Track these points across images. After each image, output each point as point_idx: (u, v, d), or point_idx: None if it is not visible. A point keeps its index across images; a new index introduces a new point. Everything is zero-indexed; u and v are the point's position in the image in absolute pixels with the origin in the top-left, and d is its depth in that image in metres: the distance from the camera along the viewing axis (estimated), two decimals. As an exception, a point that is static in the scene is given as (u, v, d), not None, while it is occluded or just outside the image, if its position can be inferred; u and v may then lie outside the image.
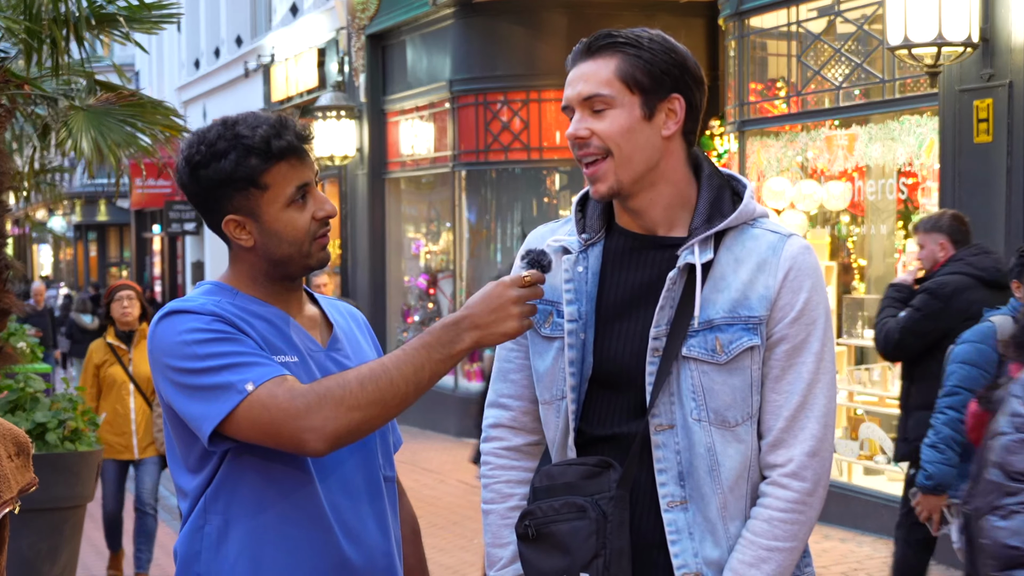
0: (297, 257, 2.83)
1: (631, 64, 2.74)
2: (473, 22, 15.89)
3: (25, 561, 7.17)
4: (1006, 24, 8.58)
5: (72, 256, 49.77)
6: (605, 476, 2.76)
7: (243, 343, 2.71)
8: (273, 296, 2.88)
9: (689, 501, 2.75)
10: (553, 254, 2.83)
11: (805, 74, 10.96)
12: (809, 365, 2.73)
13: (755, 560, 2.71)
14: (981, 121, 8.76)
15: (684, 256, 2.74)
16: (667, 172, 2.79)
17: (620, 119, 2.75)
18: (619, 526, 2.72)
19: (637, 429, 2.77)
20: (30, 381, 7.82)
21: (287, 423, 2.62)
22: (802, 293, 2.73)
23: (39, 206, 39.73)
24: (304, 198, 2.82)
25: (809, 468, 2.72)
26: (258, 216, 2.80)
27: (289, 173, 2.80)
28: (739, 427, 2.74)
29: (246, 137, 2.77)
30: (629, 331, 2.80)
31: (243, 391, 2.63)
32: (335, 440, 2.65)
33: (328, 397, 2.63)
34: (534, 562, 2.79)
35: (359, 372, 2.67)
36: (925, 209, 10.20)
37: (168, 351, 2.73)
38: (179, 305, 2.78)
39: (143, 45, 8.89)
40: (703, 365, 2.73)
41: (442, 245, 17.26)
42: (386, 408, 2.66)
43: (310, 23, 20.15)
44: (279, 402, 2.62)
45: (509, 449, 3.00)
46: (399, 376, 2.65)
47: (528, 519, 2.79)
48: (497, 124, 15.83)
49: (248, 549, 2.77)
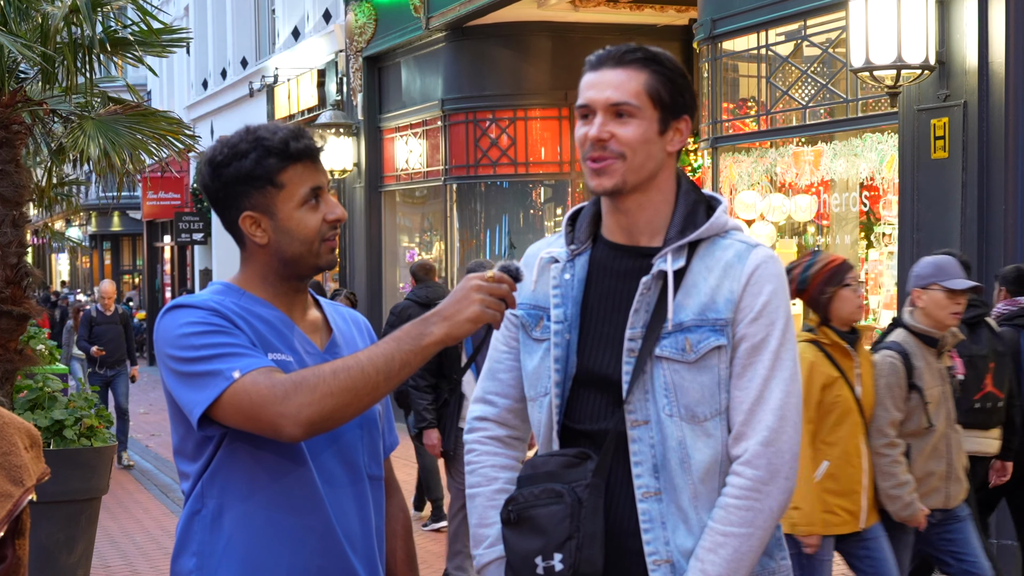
0: (307, 256, 2.83)
1: (659, 81, 2.79)
2: (463, 45, 15.90)
3: (44, 550, 7.16)
4: (961, 48, 8.60)
5: (88, 264, 49.67)
6: (583, 466, 2.78)
7: (236, 336, 2.71)
8: (279, 297, 2.88)
9: (663, 492, 2.75)
10: (544, 265, 2.89)
11: (774, 94, 10.98)
12: (766, 362, 2.74)
13: (712, 545, 2.71)
14: (938, 139, 8.79)
15: (658, 264, 2.77)
16: (660, 183, 2.83)
17: (640, 129, 2.78)
18: (593, 512, 2.74)
19: (615, 425, 2.79)
20: (48, 381, 7.82)
21: (265, 408, 2.62)
22: (762, 296, 2.75)
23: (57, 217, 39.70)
24: (317, 200, 2.83)
25: (763, 457, 2.72)
26: (273, 213, 2.81)
27: (304, 174, 2.82)
28: (708, 422, 2.74)
29: (266, 139, 2.80)
30: (609, 333, 2.82)
31: (230, 378, 2.64)
32: (308, 426, 2.64)
33: (303, 384, 2.62)
34: (514, 544, 2.80)
35: (334, 363, 2.67)
36: (886, 221, 10.23)
37: (168, 342, 2.74)
38: (182, 300, 2.80)
39: (154, 68, 8.88)
40: (674, 364, 2.74)
41: (434, 254, 17.26)
42: (358, 396, 2.65)
43: (311, 46, 20.15)
44: (260, 388, 2.62)
45: (493, 438, 3.02)
46: (370, 366, 2.65)
47: (511, 505, 2.81)
48: (486, 140, 15.84)
49: (239, 532, 2.77)
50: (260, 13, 25.34)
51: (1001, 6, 8.29)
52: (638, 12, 14.76)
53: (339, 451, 2.85)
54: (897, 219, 9.47)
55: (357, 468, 2.88)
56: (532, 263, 2.96)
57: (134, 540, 10.28)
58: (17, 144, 7.52)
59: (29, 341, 8.62)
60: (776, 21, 10.68)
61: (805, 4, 10.22)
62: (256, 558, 2.77)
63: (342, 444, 2.86)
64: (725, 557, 2.70)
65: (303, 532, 2.78)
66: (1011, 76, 8.22)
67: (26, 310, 7.57)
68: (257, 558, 2.77)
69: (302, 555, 2.78)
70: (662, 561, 2.74)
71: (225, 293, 2.86)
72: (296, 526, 2.77)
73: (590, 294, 2.86)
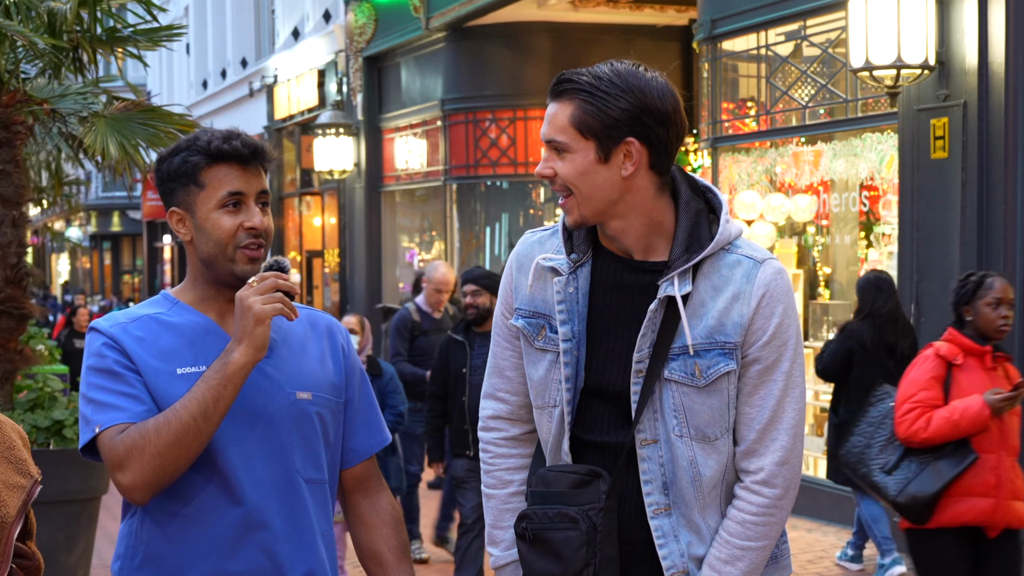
0: (221, 259, 2.84)
1: (585, 111, 2.70)
2: (463, 45, 15.90)
3: (44, 550, 7.13)
4: (960, 48, 8.60)
5: (88, 265, 49.67)
6: (594, 486, 2.79)
7: (117, 379, 2.78)
8: (209, 301, 2.90)
9: (673, 507, 2.78)
10: (542, 271, 2.87)
11: (774, 94, 10.98)
12: (780, 383, 2.75)
13: (730, 558, 2.76)
14: (937, 139, 8.79)
15: (664, 288, 2.73)
16: (635, 205, 2.76)
17: (575, 163, 2.73)
18: (608, 535, 2.77)
19: (624, 439, 2.80)
20: (48, 381, 7.81)
21: (112, 471, 2.73)
22: (774, 318, 2.73)
23: (57, 217, 39.71)
24: (237, 205, 2.84)
25: (779, 476, 2.76)
26: (194, 212, 2.86)
27: (226, 177, 2.83)
28: (718, 440, 2.77)
29: (199, 139, 2.86)
30: (616, 350, 2.81)
31: (93, 430, 2.76)
32: (147, 488, 2.72)
33: (134, 450, 2.70)
34: (531, 563, 2.83)
35: (156, 420, 2.71)
36: (886, 221, 10.23)
37: (83, 369, 2.86)
38: (96, 323, 2.88)
39: (151, 63, 8.86)
40: (683, 387, 2.74)
41: (434, 254, 17.25)
42: (183, 446, 2.69)
43: (311, 46, 20.15)
44: (107, 449, 2.73)
45: (507, 439, 3.04)
46: (185, 413, 2.68)
47: (525, 522, 2.83)
48: (486, 141, 15.84)
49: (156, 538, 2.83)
50: (260, 13, 25.33)
51: (1001, 6, 8.29)
52: (638, 12, 14.75)
53: (266, 457, 2.84)
54: (897, 219, 9.47)
55: (289, 473, 2.87)
56: (526, 265, 2.93)
57: (134, 540, 10.26)
58: (17, 144, 7.51)
59: (29, 341, 8.61)
60: (776, 21, 10.68)
61: (805, 4, 10.22)
62: (170, 564, 2.81)
63: (270, 450, 2.85)
64: (743, 569, 2.76)
65: (214, 536, 2.79)
66: (1011, 76, 8.22)
67: (27, 310, 7.56)
68: (171, 564, 2.81)
69: (214, 560, 2.80)
70: (679, 573, 2.78)
71: (159, 304, 2.93)
72: (211, 533, 2.79)
73: (594, 308, 2.84)
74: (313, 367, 2.94)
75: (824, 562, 8.91)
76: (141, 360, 2.79)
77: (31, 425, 7.24)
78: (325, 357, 2.99)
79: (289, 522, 2.85)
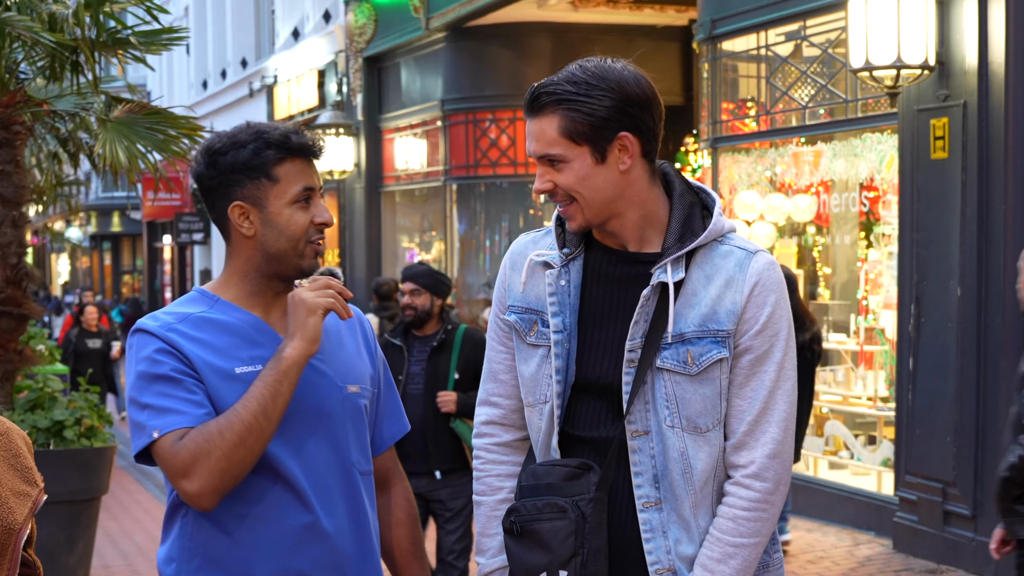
0: (291, 254, 2.83)
1: (572, 119, 2.71)
2: (463, 46, 15.91)
3: (44, 550, 7.15)
4: (960, 48, 8.60)
5: (88, 265, 49.67)
6: (585, 478, 2.77)
7: (175, 385, 2.73)
8: (255, 297, 2.88)
9: (663, 501, 2.76)
10: (535, 267, 2.87)
11: (773, 94, 10.99)
12: (771, 373, 2.74)
13: (722, 556, 2.73)
14: (937, 139, 8.78)
15: (657, 275, 2.74)
16: (631, 198, 2.78)
17: (574, 171, 2.74)
18: (597, 527, 2.74)
19: (615, 433, 2.78)
20: (48, 382, 7.81)
21: (175, 479, 2.70)
22: (766, 307, 2.74)
23: (57, 217, 39.73)
24: (308, 200, 2.84)
25: (770, 469, 2.74)
26: (264, 206, 2.82)
27: (299, 172, 2.83)
28: (710, 432, 2.75)
29: (267, 132, 2.82)
30: (607, 342, 2.81)
31: (151, 436, 2.71)
32: (214, 494, 2.69)
33: (199, 455, 2.67)
34: (518, 556, 2.81)
35: (218, 423, 2.69)
36: (886, 221, 10.24)
37: (130, 371, 2.81)
38: (144, 324, 2.82)
39: (152, 65, 8.86)
40: (676, 376, 2.73)
41: (434, 254, 17.26)
42: (247, 447, 2.68)
43: (311, 46, 20.15)
44: (168, 456, 2.69)
45: (500, 445, 3.02)
46: (247, 413, 2.68)
47: (514, 515, 2.81)
48: (486, 141, 15.85)
49: (214, 535, 2.80)
50: (260, 13, 25.35)
51: (1001, 6, 8.29)
52: (638, 12, 14.77)
53: (327, 453, 2.86)
54: (897, 219, 9.47)
55: (347, 467, 2.89)
56: (519, 263, 2.94)
57: (134, 540, 10.28)
58: (17, 144, 7.51)
59: (29, 341, 8.61)
60: (776, 21, 10.68)
61: (805, 4, 10.22)
62: (234, 565, 2.79)
63: (330, 445, 2.86)
64: (736, 567, 2.73)
65: (280, 535, 2.79)
66: (1011, 76, 8.21)
67: (27, 311, 7.57)
68: (235, 565, 2.79)
69: (280, 559, 2.79)
70: (664, 570, 2.75)
71: (199, 303, 2.88)
72: (276, 532, 2.79)
73: (586, 301, 2.84)
74: (354, 360, 2.97)
75: (824, 562, 8.90)
76: (199, 361, 2.77)
77: (31, 425, 7.25)
78: (360, 349, 3.03)
79: (349, 516, 2.87)
